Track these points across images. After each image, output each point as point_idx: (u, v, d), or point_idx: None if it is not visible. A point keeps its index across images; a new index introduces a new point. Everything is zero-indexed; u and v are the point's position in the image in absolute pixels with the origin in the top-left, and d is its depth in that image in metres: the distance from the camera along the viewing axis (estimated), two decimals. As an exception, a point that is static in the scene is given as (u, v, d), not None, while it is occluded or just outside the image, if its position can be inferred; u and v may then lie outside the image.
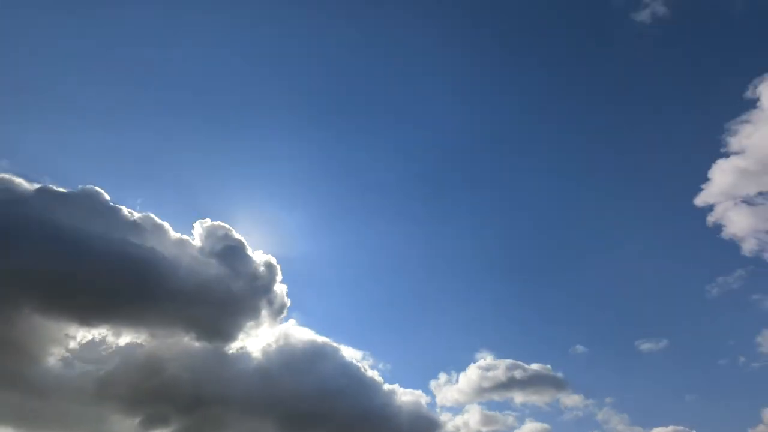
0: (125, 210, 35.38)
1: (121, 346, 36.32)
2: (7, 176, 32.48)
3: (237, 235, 40.26)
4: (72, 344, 34.20)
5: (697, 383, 52.73)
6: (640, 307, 58.04)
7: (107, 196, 34.67)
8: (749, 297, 51.44)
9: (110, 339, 35.88)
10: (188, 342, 37.20)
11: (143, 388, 36.58)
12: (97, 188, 34.41)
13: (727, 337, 52.66)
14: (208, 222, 40.17)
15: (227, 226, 40.44)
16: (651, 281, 59.20)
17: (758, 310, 49.64)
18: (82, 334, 34.31)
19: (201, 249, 38.42)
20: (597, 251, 63.30)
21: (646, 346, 51.67)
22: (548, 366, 50.20)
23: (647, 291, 58.70)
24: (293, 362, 42.21)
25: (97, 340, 35.51)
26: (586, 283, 62.43)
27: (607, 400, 50.73)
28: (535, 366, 49.89)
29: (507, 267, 67.99)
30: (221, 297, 36.78)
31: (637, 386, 53.28)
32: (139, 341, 36.67)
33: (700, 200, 47.65)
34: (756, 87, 42.77)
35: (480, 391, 49.41)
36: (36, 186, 32.47)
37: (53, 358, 33.48)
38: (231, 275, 38.25)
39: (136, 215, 36.07)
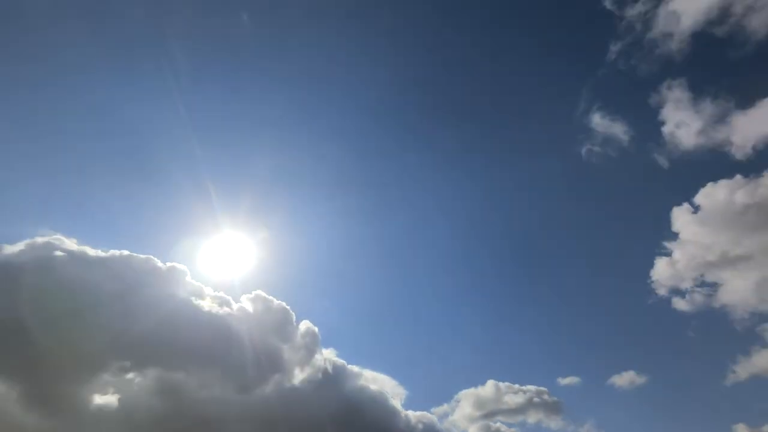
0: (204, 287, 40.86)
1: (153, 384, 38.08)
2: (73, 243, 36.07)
3: (281, 303, 43.69)
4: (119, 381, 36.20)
5: (673, 409, 59.17)
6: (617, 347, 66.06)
7: (189, 274, 39.91)
8: (707, 348, 61.30)
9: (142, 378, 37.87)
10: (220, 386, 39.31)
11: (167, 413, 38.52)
12: (182, 266, 39.69)
13: (695, 372, 61.47)
14: (256, 292, 43.77)
15: (270, 297, 43.78)
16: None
17: (717, 357, 59.13)
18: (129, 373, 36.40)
19: (251, 317, 41.78)
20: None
21: (622, 379, 57.85)
22: (543, 388, 54.26)
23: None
24: (317, 385, 44.16)
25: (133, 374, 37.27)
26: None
27: (589, 421, 55.85)
28: (531, 388, 53.82)
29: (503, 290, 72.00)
30: (263, 359, 39.88)
31: (617, 411, 59.10)
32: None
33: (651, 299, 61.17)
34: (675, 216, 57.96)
35: (479, 417, 52.79)
36: (108, 253, 36.80)
37: (101, 393, 35.51)
38: (276, 342, 42.08)
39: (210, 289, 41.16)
